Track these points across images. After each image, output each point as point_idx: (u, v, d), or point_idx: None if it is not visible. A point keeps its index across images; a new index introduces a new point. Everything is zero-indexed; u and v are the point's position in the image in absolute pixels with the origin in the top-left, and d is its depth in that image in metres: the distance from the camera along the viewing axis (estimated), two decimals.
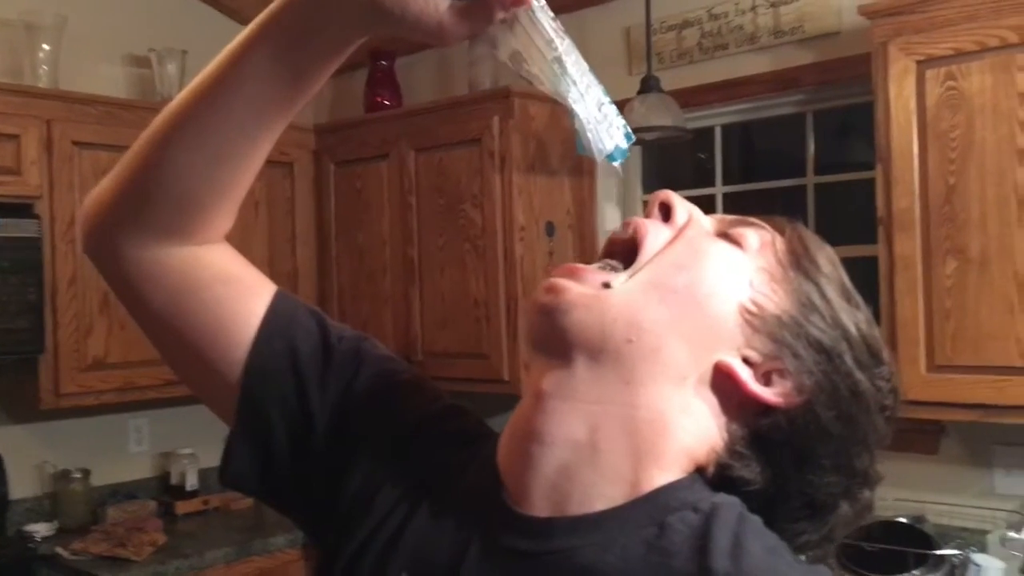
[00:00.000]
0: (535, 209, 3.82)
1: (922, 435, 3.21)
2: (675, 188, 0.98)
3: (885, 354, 0.89)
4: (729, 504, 0.83)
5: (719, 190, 3.88)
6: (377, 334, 3.09)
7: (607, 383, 0.84)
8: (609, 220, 4.10)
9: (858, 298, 0.90)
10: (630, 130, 0.87)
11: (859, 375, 0.86)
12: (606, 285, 0.86)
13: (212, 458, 2.93)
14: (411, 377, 1.05)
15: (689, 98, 3.71)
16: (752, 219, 0.93)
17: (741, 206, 3.77)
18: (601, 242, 3.14)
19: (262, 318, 0.98)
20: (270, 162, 1.30)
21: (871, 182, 2.96)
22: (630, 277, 0.87)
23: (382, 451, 0.98)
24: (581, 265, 0.89)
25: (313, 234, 4.54)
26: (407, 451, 0.98)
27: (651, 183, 4.07)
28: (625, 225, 0.92)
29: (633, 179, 4.10)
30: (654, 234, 0.90)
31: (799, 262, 0.89)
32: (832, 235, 1.21)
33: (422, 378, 1.06)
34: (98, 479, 4.26)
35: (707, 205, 3.55)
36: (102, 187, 0.97)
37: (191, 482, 4.39)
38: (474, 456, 0.95)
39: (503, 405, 1.82)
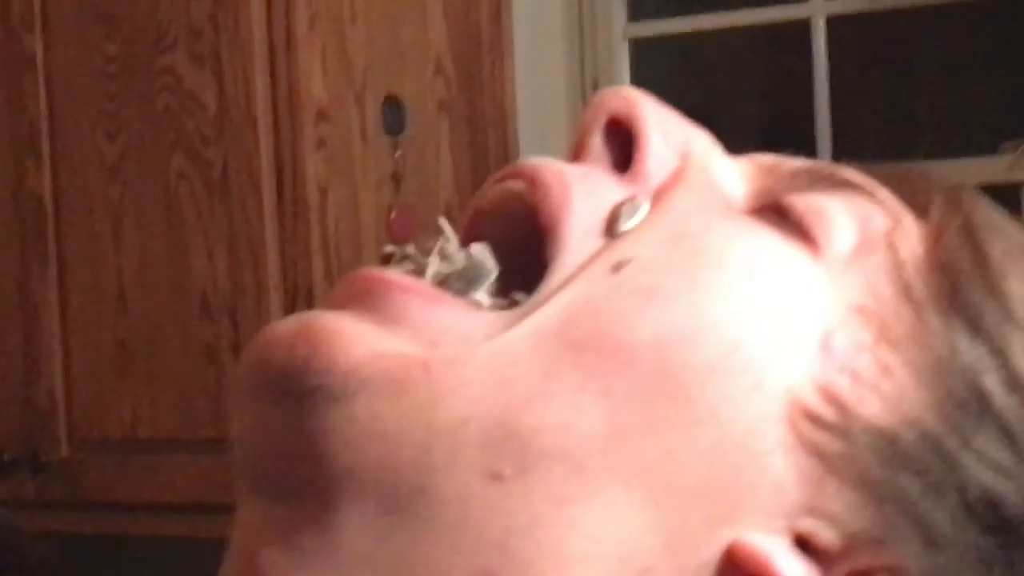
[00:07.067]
0: (354, 60, 2.32)
1: None
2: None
3: None
4: None
5: (819, 7, 2.33)
6: None
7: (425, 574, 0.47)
8: (548, 98, 2.48)
9: None
10: None
11: None
12: (455, 333, 0.47)
13: None
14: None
15: None
16: (848, 171, 0.50)
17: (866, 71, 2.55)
18: (523, 148, 2.20)
19: None
20: None
21: None
22: (521, 319, 0.46)
23: None
24: (394, 275, 0.47)
25: None
26: None
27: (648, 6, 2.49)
28: (512, 175, 0.50)
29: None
30: (583, 206, 0.48)
31: (958, 291, 0.47)
32: None
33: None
34: None
35: (797, 44, 2.26)
36: None
37: None
38: None
39: None
